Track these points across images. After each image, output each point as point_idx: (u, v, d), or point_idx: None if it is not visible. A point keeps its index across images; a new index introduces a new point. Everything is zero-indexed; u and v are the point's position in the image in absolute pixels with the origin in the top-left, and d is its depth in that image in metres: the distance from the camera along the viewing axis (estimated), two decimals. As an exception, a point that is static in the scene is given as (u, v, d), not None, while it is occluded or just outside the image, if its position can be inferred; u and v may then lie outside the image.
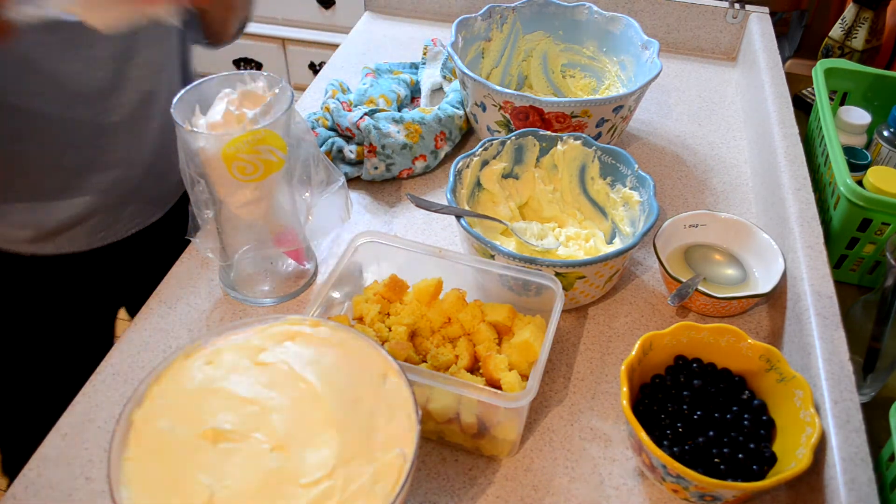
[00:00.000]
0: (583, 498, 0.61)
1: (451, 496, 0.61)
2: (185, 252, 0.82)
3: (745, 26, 1.19)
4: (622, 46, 1.01)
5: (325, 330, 0.55)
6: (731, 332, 0.64)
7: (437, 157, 0.95)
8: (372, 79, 1.04)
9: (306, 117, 1.00)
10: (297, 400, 0.50)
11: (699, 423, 0.60)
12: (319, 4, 2.27)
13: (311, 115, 0.99)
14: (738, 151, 1.01)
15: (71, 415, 0.66)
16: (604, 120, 0.88)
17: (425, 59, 1.13)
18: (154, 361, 0.70)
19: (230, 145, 0.62)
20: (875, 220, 0.78)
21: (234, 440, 0.47)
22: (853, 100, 1.01)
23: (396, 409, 0.50)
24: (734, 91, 1.15)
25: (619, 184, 0.81)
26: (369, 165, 0.90)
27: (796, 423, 0.59)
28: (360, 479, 0.46)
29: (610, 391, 0.69)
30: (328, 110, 0.97)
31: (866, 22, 1.13)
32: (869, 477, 0.53)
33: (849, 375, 0.60)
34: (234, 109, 0.64)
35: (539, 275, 0.66)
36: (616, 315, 0.77)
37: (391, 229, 0.87)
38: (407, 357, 0.63)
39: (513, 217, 0.85)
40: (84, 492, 0.60)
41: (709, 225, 0.82)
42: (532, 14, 1.04)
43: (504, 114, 0.89)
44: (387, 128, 0.91)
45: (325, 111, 0.98)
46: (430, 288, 0.68)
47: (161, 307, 0.76)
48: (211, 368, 0.52)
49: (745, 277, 0.79)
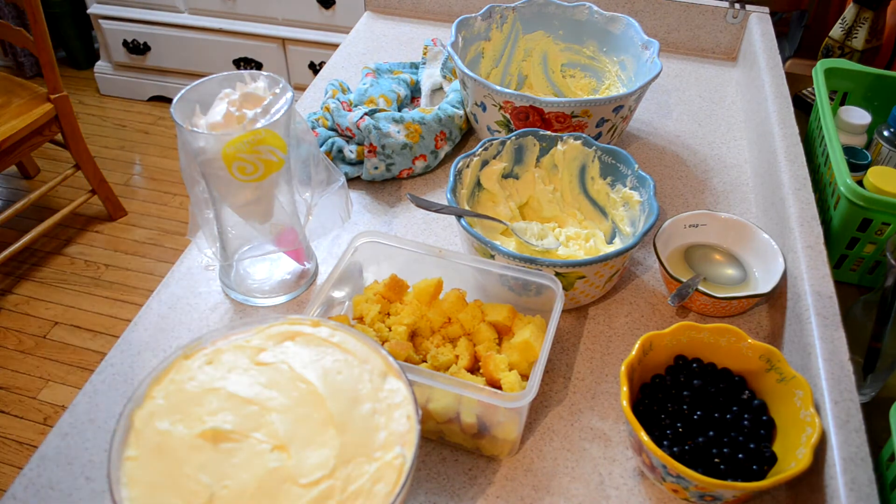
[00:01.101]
0: (583, 498, 0.61)
1: (451, 496, 0.61)
2: (185, 252, 0.82)
3: (745, 26, 1.19)
4: (622, 46, 1.01)
5: (325, 330, 0.55)
6: (731, 332, 0.64)
7: (437, 157, 0.95)
8: (372, 79, 1.04)
9: (306, 117, 1.00)
10: (297, 400, 0.50)
11: (699, 423, 0.60)
12: (319, 4, 2.28)
13: (312, 115, 0.99)
14: (738, 151, 1.01)
15: (71, 415, 0.66)
16: (604, 120, 0.88)
17: (425, 59, 1.12)
18: (154, 361, 0.70)
19: (230, 145, 0.62)
20: (875, 220, 0.78)
21: (234, 440, 0.47)
22: (853, 100, 1.01)
23: (396, 409, 0.50)
24: (734, 91, 1.15)
25: (619, 184, 0.81)
26: (369, 165, 0.90)
27: (796, 423, 0.59)
28: (360, 479, 0.46)
29: (610, 391, 0.69)
30: (328, 110, 0.97)
31: (866, 22, 1.13)
32: (869, 477, 0.53)
33: (849, 375, 0.60)
34: (234, 110, 0.64)
35: (539, 275, 0.66)
36: (616, 315, 0.77)
37: (391, 229, 0.87)
38: (407, 357, 0.63)
39: (513, 217, 0.85)
40: (84, 492, 0.60)
41: (709, 225, 0.82)
42: (532, 14, 1.04)
43: (504, 114, 0.89)
44: (387, 128, 0.90)
45: (326, 111, 0.98)
46: (430, 288, 0.68)
47: (161, 307, 0.76)
48: (211, 368, 0.52)
49: (745, 277, 0.79)
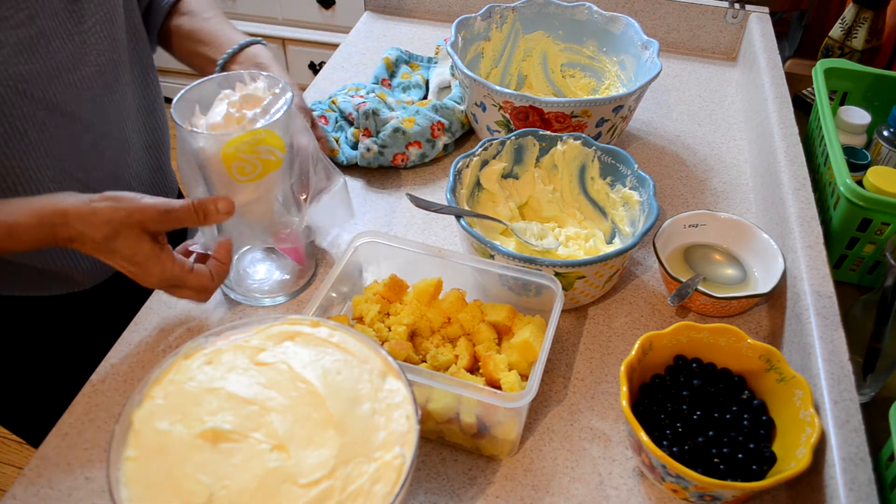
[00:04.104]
0: (583, 498, 0.61)
1: (451, 496, 0.61)
2: (185, 252, 0.82)
3: (745, 26, 1.19)
4: (622, 46, 1.01)
5: (325, 330, 0.55)
6: (730, 332, 0.64)
7: (434, 147, 0.95)
8: (387, 89, 1.07)
9: (312, 104, 1.01)
10: (296, 400, 0.50)
11: (699, 423, 0.60)
12: (319, 4, 2.27)
13: (317, 102, 1.02)
14: (738, 151, 1.01)
15: (71, 415, 0.66)
16: (604, 120, 0.88)
17: (436, 58, 1.14)
18: (154, 361, 0.70)
19: (230, 145, 0.62)
20: (875, 220, 0.78)
21: (234, 440, 0.47)
22: (853, 100, 1.01)
23: (396, 409, 0.50)
24: (734, 91, 1.15)
25: (618, 184, 0.81)
26: (362, 147, 0.91)
27: (796, 423, 0.59)
28: (359, 479, 0.46)
29: (610, 391, 0.69)
30: (335, 103, 1.00)
31: (866, 22, 1.13)
32: (869, 477, 0.53)
33: (849, 375, 0.60)
34: (234, 111, 0.64)
35: (539, 275, 0.66)
36: (616, 315, 0.77)
37: (391, 229, 0.87)
38: (407, 357, 0.63)
39: (513, 217, 0.85)
40: (84, 492, 0.60)
41: (709, 225, 0.82)
42: (532, 14, 1.04)
43: (504, 114, 0.89)
44: (385, 113, 0.93)
45: (332, 104, 1.00)
46: (430, 288, 0.68)
47: (161, 307, 0.76)
48: (211, 368, 0.52)
49: (744, 277, 0.79)
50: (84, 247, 0.61)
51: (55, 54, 0.69)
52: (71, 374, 0.76)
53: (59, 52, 0.70)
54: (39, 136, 0.71)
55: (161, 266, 0.63)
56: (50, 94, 0.70)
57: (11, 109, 0.67)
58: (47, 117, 0.71)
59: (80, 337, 0.86)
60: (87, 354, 0.75)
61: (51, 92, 0.70)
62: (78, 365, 0.75)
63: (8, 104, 0.67)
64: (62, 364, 0.84)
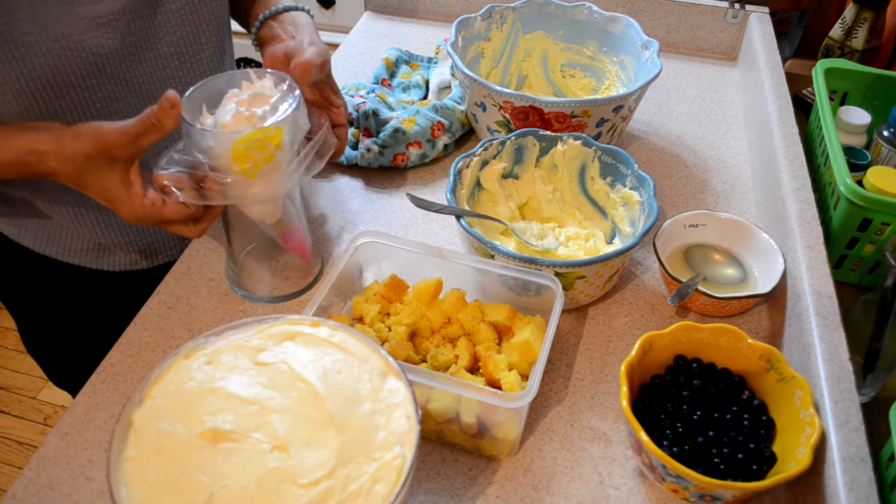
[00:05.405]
0: (583, 498, 0.61)
1: (451, 496, 0.61)
2: (186, 252, 0.82)
3: (745, 26, 1.19)
4: (622, 46, 1.01)
5: (325, 330, 0.55)
6: (730, 332, 0.64)
7: (434, 147, 0.95)
8: (387, 90, 1.07)
9: None
10: (296, 400, 0.50)
11: (699, 423, 0.60)
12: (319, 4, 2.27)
13: None
14: (738, 151, 1.01)
15: (71, 415, 0.66)
16: (604, 120, 0.88)
17: (436, 58, 1.14)
18: (154, 361, 0.70)
19: (240, 143, 0.62)
20: (875, 220, 0.78)
21: (234, 440, 0.47)
22: (853, 100, 1.01)
23: (396, 409, 0.50)
24: (734, 91, 1.15)
25: (619, 184, 0.81)
26: (362, 148, 0.91)
27: (796, 423, 0.59)
28: (359, 479, 0.46)
29: (610, 391, 0.69)
30: None
31: (866, 22, 1.13)
32: (869, 477, 0.53)
33: (849, 375, 0.60)
34: (243, 110, 0.64)
35: (539, 275, 0.66)
36: (616, 315, 0.77)
37: (391, 229, 0.87)
38: (407, 357, 0.63)
39: (513, 217, 0.85)
40: (84, 492, 0.60)
41: (709, 225, 0.82)
42: (532, 14, 1.04)
43: (504, 114, 0.89)
44: (385, 113, 0.93)
45: None
46: (430, 288, 0.68)
47: (161, 307, 0.76)
48: (211, 368, 0.52)
49: (745, 277, 0.79)
50: (65, 182, 0.63)
51: (133, 32, 0.70)
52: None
53: (136, 31, 0.71)
54: (106, 107, 0.72)
55: (130, 203, 0.63)
56: (123, 69, 0.71)
57: (79, 80, 0.69)
58: (117, 91, 0.72)
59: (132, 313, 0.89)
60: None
61: (123, 68, 0.71)
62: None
63: (77, 75, 0.68)
64: (111, 334, 0.88)
